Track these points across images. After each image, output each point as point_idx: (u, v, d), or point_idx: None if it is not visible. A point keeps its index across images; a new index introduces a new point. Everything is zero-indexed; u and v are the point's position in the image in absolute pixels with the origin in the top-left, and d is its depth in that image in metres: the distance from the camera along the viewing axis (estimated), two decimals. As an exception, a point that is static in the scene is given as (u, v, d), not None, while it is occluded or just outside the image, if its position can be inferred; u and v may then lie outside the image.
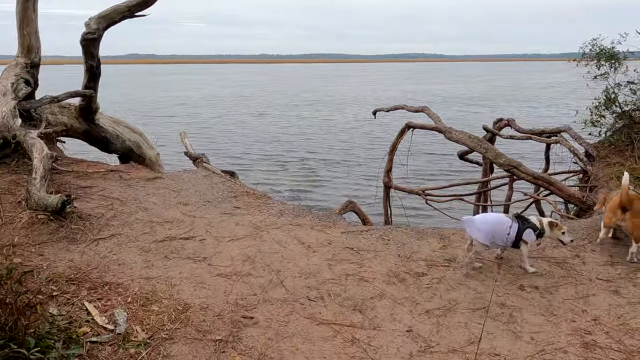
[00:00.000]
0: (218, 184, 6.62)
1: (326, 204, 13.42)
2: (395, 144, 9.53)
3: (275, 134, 27.40)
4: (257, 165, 19.21)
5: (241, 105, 44.95)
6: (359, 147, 22.97)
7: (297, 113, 38.30)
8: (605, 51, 7.67)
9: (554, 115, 35.56)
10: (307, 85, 79.39)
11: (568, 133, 8.40)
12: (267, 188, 14.80)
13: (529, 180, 7.21)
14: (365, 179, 16.99)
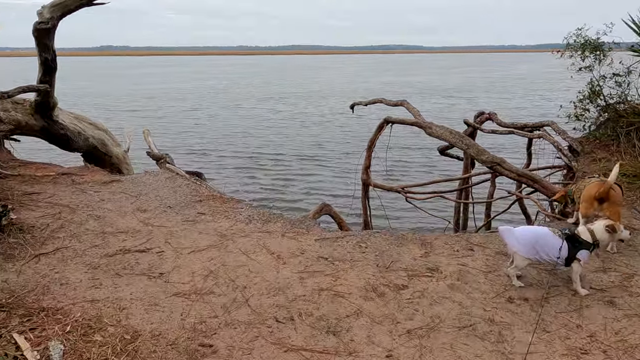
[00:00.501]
0: (182, 187, 6.09)
1: (300, 204, 12.96)
2: (373, 140, 9.10)
3: (246, 129, 26.70)
4: (227, 163, 18.58)
5: (214, 98, 43.97)
6: (334, 142, 22.50)
7: (271, 106, 37.63)
8: (589, 42, 7.35)
9: (528, 106, 35.76)
10: (284, 77, 78.56)
11: (551, 127, 8.10)
12: (237, 189, 14.28)
13: (512, 177, 6.87)
14: (341, 176, 16.54)
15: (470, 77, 72.21)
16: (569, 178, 7.25)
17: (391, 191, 9.30)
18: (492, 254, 4.87)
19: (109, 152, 10.07)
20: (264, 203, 12.92)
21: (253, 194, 14.23)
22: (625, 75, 7.18)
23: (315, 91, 51.10)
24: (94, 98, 42.48)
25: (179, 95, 45.95)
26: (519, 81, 62.36)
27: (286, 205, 12.76)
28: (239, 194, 14.19)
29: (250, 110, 35.42)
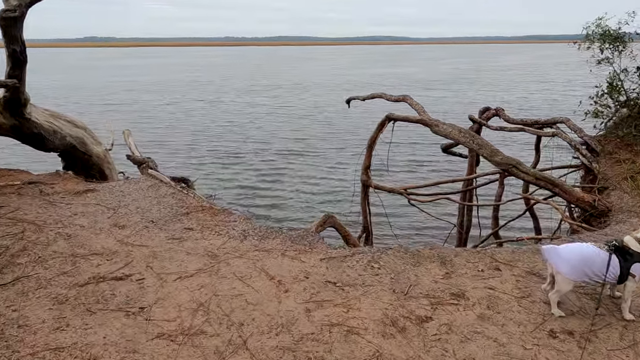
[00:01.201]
0: (166, 197, 5.40)
1: (297, 211, 12.25)
2: (374, 138, 8.47)
3: (227, 123, 25.85)
4: (211, 161, 17.77)
5: (196, 91, 42.94)
6: (321, 137, 21.84)
7: (253, 100, 36.75)
8: (608, 33, 6.77)
9: (513, 99, 35.50)
10: (270, 69, 77.45)
11: (566, 124, 7.55)
12: (225, 193, 13.57)
13: (529, 181, 6.31)
14: (335, 174, 15.92)
15: (455, 69, 71.91)
16: (589, 180, 6.71)
17: (393, 193, 8.72)
18: (522, 274, 4.29)
19: (88, 151, 9.31)
20: (254, 209, 12.23)
21: (242, 199, 13.51)
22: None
23: (299, 83, 50.28)
24: (69, 91, 41.20)
25: (159, 88, 44.80)
26: (505, 73, 62.22)
27: (283, 216, 12.04)
28: (224, 198, 13.51)
29: (231, 103, 34.52)
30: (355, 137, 21.95)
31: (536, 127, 8.09)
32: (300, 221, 11.63)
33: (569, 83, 50.01)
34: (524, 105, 33.68)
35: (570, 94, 41.08)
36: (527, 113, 31.69)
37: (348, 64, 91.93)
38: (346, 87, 44.77)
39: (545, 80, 53.37)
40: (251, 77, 58.77)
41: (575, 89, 45.04)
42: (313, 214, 12.04)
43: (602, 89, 7.09)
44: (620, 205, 5.61)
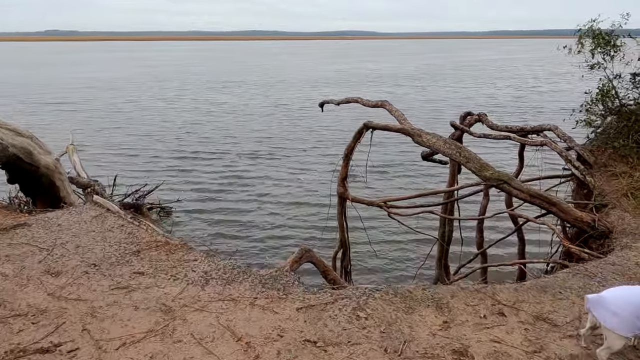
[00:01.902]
0: (114, 231, 4.59)
1: (265, 227, 11.41)
2: (351, 148, 7.80)
3: (185, 124, 24.72)
4: (169, 167, 16.74)
5: (157, 88, 41.37)
6: (285, 138, 21.05)
7: (216, 97, 35.58)
8: (600, 36, 6.31)
9: (481, 96, 35.64)
10: (236, 65, 75.87)
11: (554, 132, 7.09)
12: (183, 207, 12.68)
13: (522, 198, 5.78)
14: (303, 180, 15.21)
15: (426, 65, 72.22)
16: (582, 195, 6.25)
17: (372, 206, 8.11)
18: (530, 320, 3.72)
19: (35, 162, 8.36)
20: (217, 227, 11.37)
21: (198, 212, 12.60)
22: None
23: (265, 79, 49.25)
24: (20, 88, 39.03)
25: (118, 85, 42.99)
26: (470, 69, 62.79)
27: (250, 235, 11.21)
28: (184, 207, 12.64)
29: (192, 102, 33.27)
30: (323, 136, 21.35)
31: (521, 134, 7.63)
32: (271, 240, 10.87)
33: (537, 79, 50.78)
34: (490, 102, 33.82)
35: (537, 90, 41.64)
36: (497, 110, 31.83)
37: (318, 60, 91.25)
38: (313, 84, 44.12)
39: (514, 76, 54.07)
40: (216, 74, 57.29)
41: (541, 85, 45.73)
42: (285, 232, 11.30)
43: (592, 95, 6.63)
44: (622, 226, 5.14)
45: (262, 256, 9.94)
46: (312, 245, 8.94)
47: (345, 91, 39.38)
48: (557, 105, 34.21)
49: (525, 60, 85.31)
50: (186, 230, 11.64)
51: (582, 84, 7.11)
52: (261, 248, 10.52)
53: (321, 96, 36.65)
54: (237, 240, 10.69)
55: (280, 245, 10.57)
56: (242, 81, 47.65)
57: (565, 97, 38.97)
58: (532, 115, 29.66)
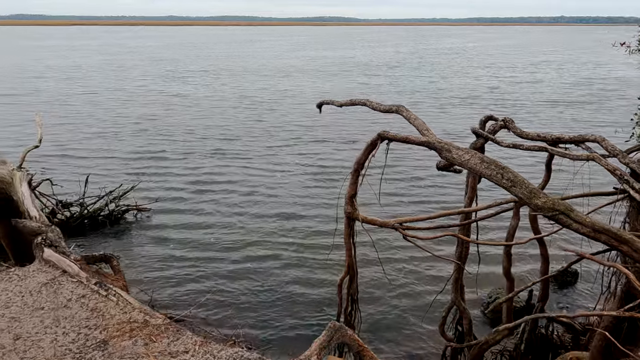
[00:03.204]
0: (71, 307, 3.32)
1: (255, 246, 10.19)
2: (361, 161, 6.68)
3: (140, 119, 23.10)
4: (132, 169, 15.24)
5: (118, 77, 39.19)
6: (254, 134, 19.77)
7: (181, 88, 33.80)
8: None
9: (455, 85, 34.90)
10: (206, 52, 73.29)
11: (600, 145, 6.09)
12: (149, 225, 11.34)
13: (585, 233, 4.75)
14: (292, 182, 13.99)
15: (400, 53, 71.26)
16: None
17: (385, 227, 7.01)
18: None
19: (-19, 175, 6.92)
20: (196, 251, 10.14)
21: (169, 231, 11.27)
22: None
23: (232, 68, 47.38)
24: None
25: (77, 75, 40.57)
26: (448, 57, 62.21)
27: (235, 256, 9.97)
28: (151, 222, 11.34)
29: (155, 93, 31.45)
30: (295, 133, 20.13)
31: (557, 144, 6.62)
32: (262, 261, 9.67)
33: (515, 68, 50.45)
34: (470, 94, 33.08)
35: (516, 80, 41.19)
36: (477, 102, 31.17)
37: (291, 46, 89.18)
38: (285, 72, 42.57)
39: (491, 65, 53.64)
40: (180, 62, 54.95)
41: (517, 74, 45.33)
42: (279, 251, 10.11)
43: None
44: None
45: (269, 312, 8.75)
46: (313, 272, 7.91)
47: (316, 81, 38.00)
48: (540, 97, 33.82)
49: (503, 48, 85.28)
50: (162, 240, 10.44)
51: (557, 75, 6.51)
52: (261, 285, 9.31)
53: (293, 86, 35.16)
54: (225, 267, 9.45)
55: (282, 279, 9.38)
56: (207, 70, 45.61)
57: (544, 87, 38.69)
58: (512, 107, 29.12)
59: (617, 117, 25.97)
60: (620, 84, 39.24)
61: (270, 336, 8.08)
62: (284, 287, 9.15)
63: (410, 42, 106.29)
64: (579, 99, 32.94)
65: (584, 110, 29.13)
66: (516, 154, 14.55)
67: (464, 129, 19.72)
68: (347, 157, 15.72)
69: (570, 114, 27.68)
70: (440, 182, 13.98)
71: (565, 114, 27.85)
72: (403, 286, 8.74)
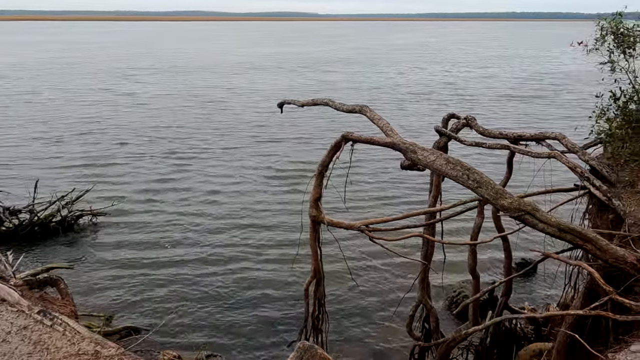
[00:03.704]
0: (11, 340, 2.96)
1: (219, 259, 9.77)
2: (326, 163, 6.49)
3: (82, 120, 22.14)
4: (78, 175, 14.48)
5: (62, 76, 37.48)
6: (208, 134, 19.25)
7: (127, 87, 32.65)
8: (615, 32, 5.40)
9: (407, 82, 35.31)
10: (157, 49, 71.24)
11: (561, 142, 6.16)
12: (104, 238, 10.83)
13: (550, 233, 4.76)
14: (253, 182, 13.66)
15: (356, 48, 71.60)
16: (608, 222, 5.37)
17: (351, 229, 6.88)
18: None
19: None
20: (154, 268, 9.72)
21: (128, 240, 10.79)
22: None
23: (183, 65, 46.21)
24: None
25: (18, 74, 38.50)
26: (404, 52, 63.05)
27: (198, 271, 9.63)
28: (109, 232, 10.84)
29: (101, 92, 30.25)
30: (253, 130, 19.80)
31: (519, 142, 6.69)
32: (230, 275, 9.36)
33: (469, 63, 51.61)
34: (425, 89, 33.57)
35: (470, 75, 42.18)
36: (433, 98, 31.68)
37: (244, 42, 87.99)
38: (239, 69, 41.93)
39: (447, 60, 54.70)
40: (130, 58, 53.14)
41: (472, 69, 46.45)
42: (242, 256, 9.81)
43: (599, 105, 5.74)
44: (677, 269, 4.25)
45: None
46: (279, 276, 7.72)
47: (272, 78, 37.57)
48: (495, 92, 34.73)
49: (460, 43, 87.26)
50: (118, 246, 9.96)
51: (510, 70, 6.62)
52: (222, 292, 9.01)
53: (249, 84, 34.63)
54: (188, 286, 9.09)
55: (245, 284, 9.10)
56: (158, 68, 44.24)
57: (498, 82, 39.79)
58: (469, 102, 29.76)
59: (567, 110, 26.98)
60: (569, 78, 40.86)
61: (236, 345, 7.83)
62: (248, 294, 8.91)
63: (370, 38, 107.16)
64: (531, 94, 34.03)
65: (536, 104, 30.12)
66: (478, 150, 14.80)
67: (422, 125, 19.91)
68: (308, 157, 15.56)
69: (524, 109, 28.56)
70: (406, 181, 14.02)
71: (519, 108, 28.71)
72: (370, 287, 8.68)
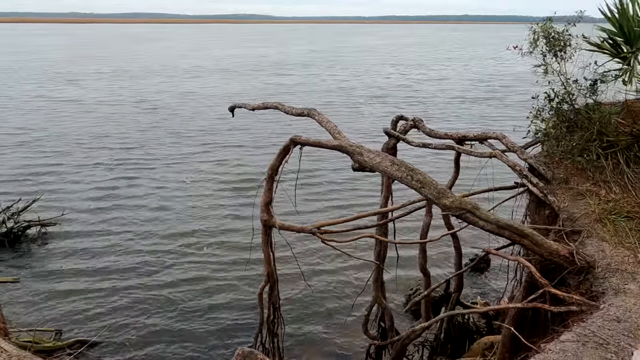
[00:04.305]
0: None
1: (169, 267, 9.53)
2: (275, 167, 6.51)
3: (29, 128, 21.27)
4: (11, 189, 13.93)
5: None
6: (157, 142, 18.87)
7: (70, 92, 31.53)
8: (552, 36, 5.68)
9: (360, 85, 35.65)
10: (105, 52, 69.06)
11: (501, 142, 6.42)
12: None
13: (490, 230, 4.94)
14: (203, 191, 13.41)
15: (312, 51, 71.93)
16: (544, 217, 5.62)
17: (302, 232, 6.90)
18: None
19: None
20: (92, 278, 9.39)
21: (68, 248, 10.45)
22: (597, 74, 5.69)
23: (130, 69, 45.00)
24: None
25: None
26: (359, 55, 63.81)
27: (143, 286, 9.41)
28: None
29: (33, 99, 29.07)
30: (204, 136, 19.52)
31: (463, 142, 6.92)
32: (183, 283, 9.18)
33: (422, 66, 52.78)
34: (380, 92, 34.08)
35: (425, 78, 43.18)
36: (389, 101, 32.27)
37: (199, 45, 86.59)
38: (191, 73, 41.19)
39: (401, 63, 55.75)
40: (75, 63, 51.26)
41: (425, 71, 47.56)
42: (194, 264, 9.64)
43: (536, 106, 6.03)
44: (605, 260, 4.51)
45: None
46: (232, 282, 7.61)
47: (224, 81, 37.11)
48: (447, 94, 35.69)
49: (413, 46, 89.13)
50: (67, 258, 9.60)
51: (462, 72, 6.88)
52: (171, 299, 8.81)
53: (200, 88, 34.06)
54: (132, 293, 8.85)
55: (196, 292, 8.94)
56: (103, 72, 42.76)
57: (450, 84, 40.94)
58: (422, 105, 30.45)
59: (517, 112, 28.02)
60: (519, 80, 42.50)
61: (191, 354, 7.69)
62: (203, 302, 8.76)
63: (325, 40, 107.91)
64: (482, 95, 35.19)
65: (487, 106, 31.16)
66: (430, 151, 15.16)
67: (376, 128, 20.21)
68: (260, 162, 15.44)
69: (476, 111, 29.48)
70: (357, 184, 14.18)
71: (471, 110, 29.62)
72: (325, 290, 8.73)
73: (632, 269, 4.33)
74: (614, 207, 4.97)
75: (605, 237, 4.72)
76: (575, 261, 4.58)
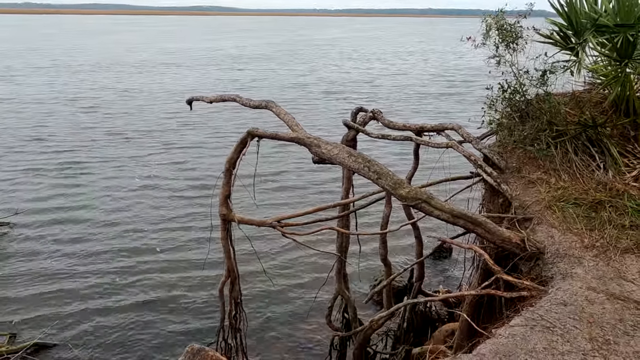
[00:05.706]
0: None
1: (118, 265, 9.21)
2: (233, 160, 6.39)
3: None
4: None
5: None
6: (101, 138, 18.26)
7: (3, 90, 30.03)
8: (504, 28, 5.80)
9: (320, 80, 35.55)
10: (48, 44, 66.17)
11: (457, 132, 6.53)
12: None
13: (445, 219, 5.01)
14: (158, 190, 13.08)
15: (270, 45, 71.19)
16: (498, 205, 5.75)
17: (263, 226, 6.83)
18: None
19: None
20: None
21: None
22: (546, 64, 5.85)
23: (73, 63, 43.25)
24: None
25: None
26: (321, 48, 63.68)
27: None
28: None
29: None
30: (158, 132, 19.04)
31: (421, 133, 7.00)
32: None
33: (383, 60, 53.12)
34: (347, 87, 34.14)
35: (387, 71, 43.52)
36: (353, 96, 32.38)
37: (153, 38, 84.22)
38: (142, 67, 40.06)
39: (360, 57, 55.95)
40: (9, 56, 48.75)
41: (386, 65, 47.96)
42: (154, 263, 9.40)
43: (490, 97, 6.15)
44: (554, 246, 4.65)
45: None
46: (193, 278, 7.44)
47: (179, 76, 36.22)
48: (410, 89, 36.12)
49: (375, 39, 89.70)
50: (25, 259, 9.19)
51: (424, 66, 6.98)
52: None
53: (151, 82, 33.10)
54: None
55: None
56: (42, 67, 40.68)
57: (412, 79, 41.46)
58: (384, 99, 30.72)
59: (479, 105, 28.64)
60: (479, 74, 43.47)
61: (152, 354, 7.51)
62: (163, 300, 8.56)
63: (285, 33, 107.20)
64: (444, 90, 35.78)
65: (448, 99, 31.72)
66: (391, 143, 15.29)
67: (335, 123, 20.22)
68: (219, 155, 15.12)
69: (437, 104, 29.97)
70: (318, 176, 14.16)
71: (433, 104, 30.07)
72: (288, 283, 8.69)
73: (579, 254, 4.48)
74: (563, 194, 5.12)
75: (555, 224, 4.86)
76: (527, 248, 4.71)
